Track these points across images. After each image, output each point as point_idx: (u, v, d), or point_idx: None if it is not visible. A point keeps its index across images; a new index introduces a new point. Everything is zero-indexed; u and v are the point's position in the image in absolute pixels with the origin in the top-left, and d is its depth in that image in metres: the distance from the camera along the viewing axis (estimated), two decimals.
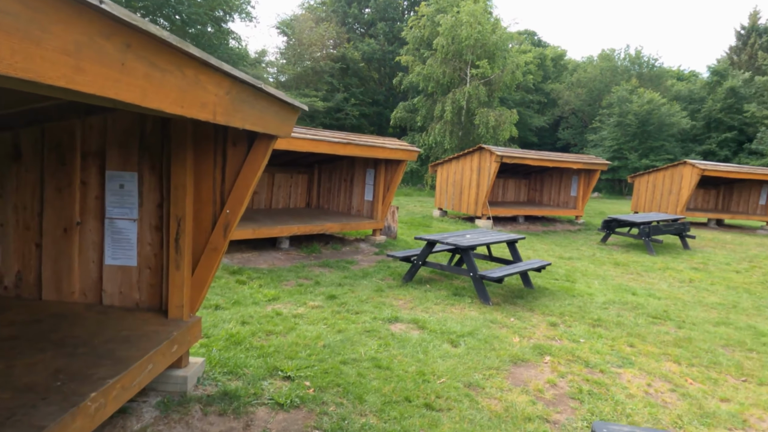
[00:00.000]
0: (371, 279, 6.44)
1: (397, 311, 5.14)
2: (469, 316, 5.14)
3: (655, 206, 15.31)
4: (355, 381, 3.46)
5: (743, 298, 6.79)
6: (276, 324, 4.47)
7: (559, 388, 3.66)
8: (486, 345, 4.36)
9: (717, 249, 10.91)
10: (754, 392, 3.79)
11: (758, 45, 37.49)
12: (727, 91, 31.61)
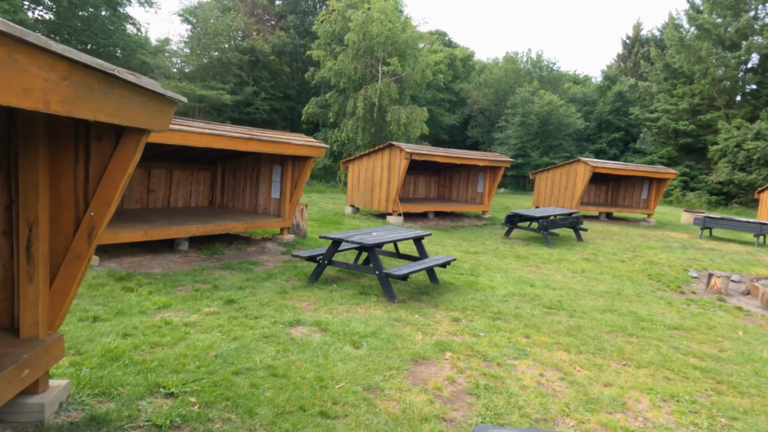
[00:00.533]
0: (275, 280, 6.19)
1: (299, 314, 4.95)
2: (374, 315, 5.07)
3: (553, 201, 16.32)
4: (247, 393, 3.24)
5: (626, 285, 7.37)
6: (163, 335, 4.11)
7: (457, 384, 3.68)
8: (388, 345, 4.31)
9: (606, 240, 11.82)
10: (632, 375, 4.06)
11: (641, 54, 41.36)
12: (615, 95, 34.56)
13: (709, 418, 3.42)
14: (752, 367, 4.41)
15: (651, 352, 4.59)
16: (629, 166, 16.45)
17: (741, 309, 6.48)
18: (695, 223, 13.80)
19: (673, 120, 30.99)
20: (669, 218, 18.88)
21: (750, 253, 11.28)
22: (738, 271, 9.14)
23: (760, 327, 5.76)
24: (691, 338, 5.14)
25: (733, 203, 26.57)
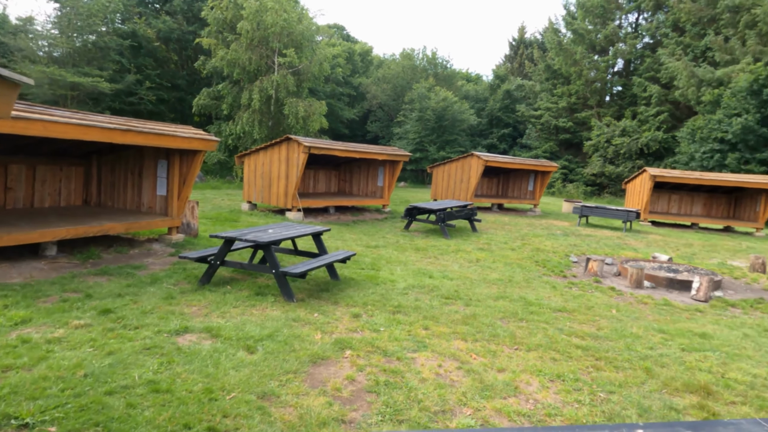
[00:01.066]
0: (161, 285, 5.68)
1: (188, 320, 4.57)
2: (271, 317, 4.83)
3: (450, 194, 16.93)
4: (121, 415, 2.88)
5: (517, 272, 7.80)
6: (19, 355, 3.55)
7: (357, 383, 3.59)
8: (286, 347, 4.11)
9: (498, 230, 12.47)
10: (523, 359, 4.25)
11: (525, 55, 44.34)
12: (504, 93, 36.76)
13: (591, 394, 3.66)
14: (624, 342, 4.83)
15: (539, 335, 4.86)
16: (517, 160, 17.53)
17: (614, 289, 7.13)
18: (574, 212, 15.05)
19: (554, 117, 33.63)
20: (552, 208, 20.45)
21: (620, 238, 12.54)
22: (610, 254, 10.09)
23: (629, 305, 6.36)
24: (573, 319, 5.53)
25: (605, 193, 29.48)
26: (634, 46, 31.44)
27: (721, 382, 4.02)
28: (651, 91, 29.14)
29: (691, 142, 24.33)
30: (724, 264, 9.84)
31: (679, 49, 28.48)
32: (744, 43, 25.79)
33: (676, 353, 4.62)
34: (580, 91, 32.82)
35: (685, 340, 5.03)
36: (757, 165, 21.21)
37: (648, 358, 4.43)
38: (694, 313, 6.18)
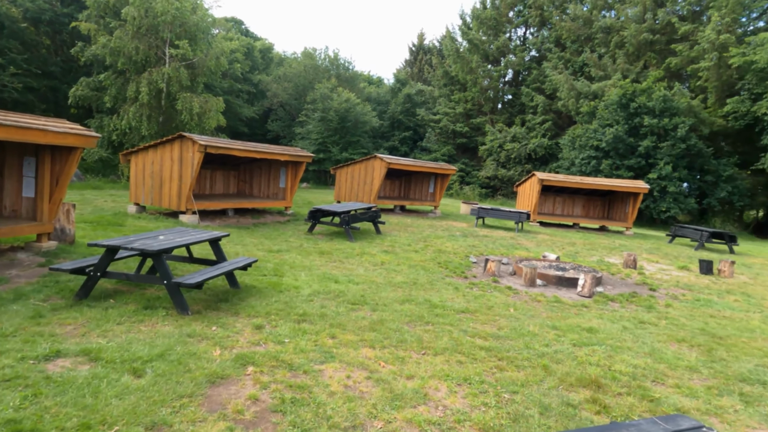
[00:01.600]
0: (27, 302, 4.94)
1: (60, 342, 3.99)
2: (162, 333, 4.39)
3: (353, 196, 16.90)
4: None
5: (421, 274, 7.91)
6: None
7: (261, 402, 3.34)
8: (180, 367, 3.74)
9: (401, 232, 12.65)
10: (431, 363, 4.26)
11: (424, 61, 45.82)
12: (405, 97, 37.62)
13: (496, 396, 3.74)
14: (523, 341, 5.04)
15: (445, 338, 4.92)
16: (418, 162, 17.97)
17: (511, 288, 7.49)
18: (471, 214, 15.74)
19: (451, 122, 35.07)
20: (451, 209, 21.26)
21: (513, 238, 13.31)
22: (506, 254, 10.65)
23: (525, 303, 6.71)
24: (476, 320, 5.69)
25: (498, 195, 31.31)
26: (523, 59, 33.76)
27: (609, 374, 4.33)
28: (537, 101, 31.45)
29: (571, 149, 26.61)
30: (603, 261, 10.82)
31: (561, 63, 31.08)
32: (614, 61, 28.77)
33: (568, 349, 4.91)
34: (475, 97, 34.55)
35: (575, 335, 5.38)
36: (626, 171, 23.75)
37: (545, 356, 4.66)
38: (581, 308, 6.67)
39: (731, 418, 3.75)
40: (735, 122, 23.90)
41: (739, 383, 4.43)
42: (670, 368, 4.65)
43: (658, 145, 23.21)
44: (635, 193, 16.99)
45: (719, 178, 23.66)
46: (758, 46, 21.52)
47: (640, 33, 27.12)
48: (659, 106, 23.16)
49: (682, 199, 22.91)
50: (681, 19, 26.85)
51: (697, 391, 4.15)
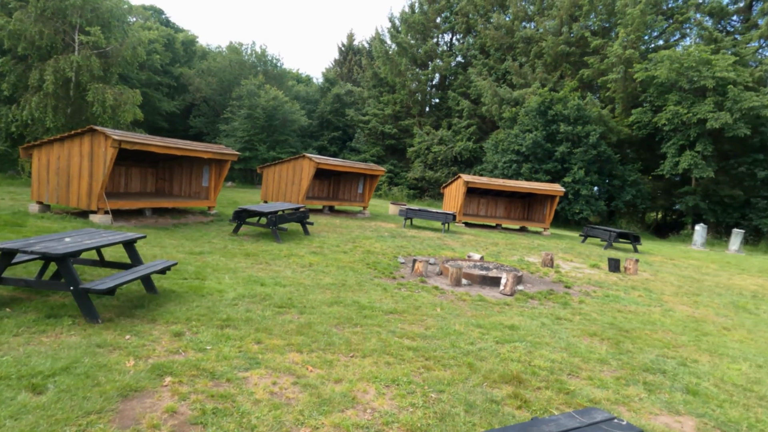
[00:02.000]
0: None
1: None
2: (68, 344, 4.03)
3: (281, 196, 16.55)
4: None
5: (349, 276, 7.87)
6: None
7: (179, 415, 3.15)
8: (88, 381, 3.44)
9: (330, 233, 12.55)
10: (359, 366, 4.24)
11: (354, 61, 45.88)
12: (334, 97, 37.46)
13: (423, 396, 3.79)
14: (449, 340, 5.15)
15: (374, 340, 4.91)
16: (347, 163, 17.94)
17: (437, 288, 7.64)
18: (400, 214, 15.94)
19: (380, 123, 35.37)
20: (380, 210, 21.42)
21: (440, 239, 13.63)
22: (433, 254, 10.87)
23: (451, 303, 6.87)
24: (404, 320, 5.74)
25: (425, 196, 31.98)
26: (449, 64, 34.74)
27: (529, 369, 4.53)
28: (463, 106, 32.49)
29: (494, 152, 27.73)
30: (523, 260, 11.34)
31: (485, 70, 32.30)
32: (534, 70, 30.32)
33: (492, 346, 5.08)
34: (404, 100, 35.08)
35: (498, 332, 5.58)
36: (544, 174, 25.10)
37: (470, 354, 4.78)
38: (503, 306, 6.93)
39: (637, 406, 4.04)
40: (639, 131, 26.02)
41: (643, 373, 4.80)
42: (584, 361, 4.94)
43: (573, 150, 24.76)
44: (552, 195, 18.00)
45: (625, 183, 25.64)
46: (658, 63, 23.58)
47: (557, 45, 28.80)
48: (574, 114, 24.71)
49: (593, 201, 24.59)
50: (593, 33, 28.84)
51: (607, 382, 4.44)
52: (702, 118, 22.17)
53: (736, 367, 5.25)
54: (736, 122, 21.63)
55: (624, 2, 26.49)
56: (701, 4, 27.83)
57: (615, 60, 25.71)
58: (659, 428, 3.67)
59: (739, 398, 4.40)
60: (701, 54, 22.42)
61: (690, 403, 4.19)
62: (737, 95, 21.63)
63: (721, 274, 12.36)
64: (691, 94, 23.17)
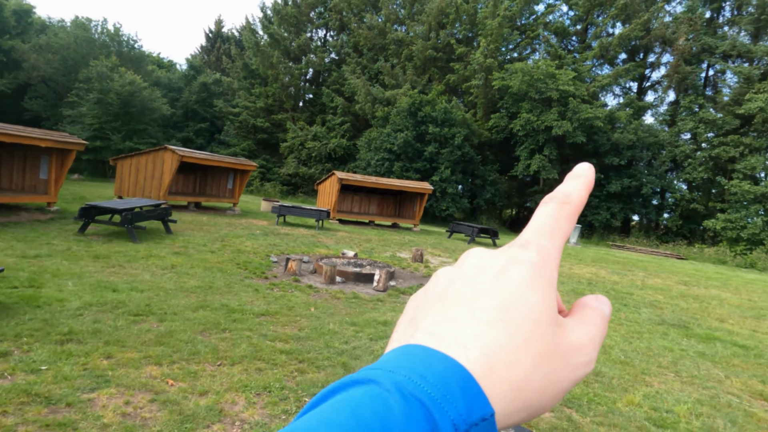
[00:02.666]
0: None
1: None
2: None
3: (139, 191, 15.08)
4: None
5: (218, 277, 7.39)
6: None
7: None
8: None
9: (196, 231, 11.72)
10: (228, 375, 3.96)
11: (223, 50, 43.54)
12: (200, 86, 35.18)
13: (297, 401, 3.65)
14: (324, 340, 5.07)
15: (244, 345, 4.64)
16: (216, 156, 16.94)
17: (311, 287, 7.52)
18: (273, 211, 15.48)
19: (252, 116, 34.08)
20: (251, 206, 20.61)
21: (314, 236, 13.49)
22: (307, 252, 10.70)
23: (325, 301, 6.79)
24: (277, 322, 5.52)
25: (299, 193, 31.53)
26: (323, 60, 34.63)
27: None
28: (337, 103, 32.61)
29: (368, 150, 28.28)
30: (395, 256, 11.68)
31: (359, 68, 32.78)
32: (405, 72, 31.48)
33: (366, 344, 5.11)
34: (276, 93, 34.19)
35: (372, 329, 5.63)
36: (414, 173, 26.21)
37: (344, 353, 4.75)
38: (376, 303, 7.04)
39: None
40: (497, 135, 28.40)
41: None
42: None
43: (440, 151, 26.20)
44: (422, 193, 18.84)
45: (485, 182, 27.82)
46: (513, 73, 25.94)
47: (426, 49, 30.23)
48: (441, 116, 26.15)
49: (458, 199, 26.30)
50: (458, 41, 30.78)
51: None
52: (548, 126, 24.89)
53: None
54: (575, 130, 24.64)
55: (484, 14, 28.67)
56: (548, 23, 31.21)
57: (477, 68, 27.73)
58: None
59: None
60: (548, 68, 25.13)
61: None
62: (576, 107, 24.65)
63: (563, 265, 13.95)
64: (540, 104, 25.87)
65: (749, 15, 27.07)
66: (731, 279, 15.59)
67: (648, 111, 30.96)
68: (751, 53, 26.24)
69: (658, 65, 31.57)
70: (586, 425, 3.80)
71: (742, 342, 7.04)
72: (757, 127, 24.95)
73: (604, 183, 26.91)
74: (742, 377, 5.46)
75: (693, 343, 6.70)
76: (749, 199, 23.05)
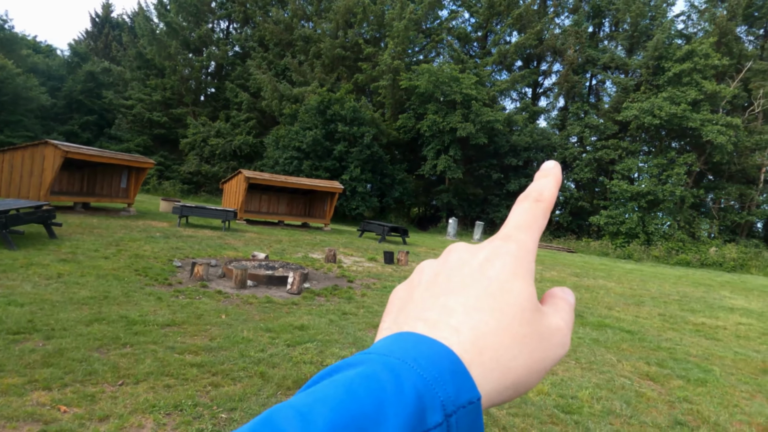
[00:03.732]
0: None
1: None
2: None
3: (15, 191, 13.39)
4: None
5: (114, 286, 6.75)
6: None
7: None
8: None
9: (86, 235, 10.64)
10: (132, 395, 3.60)
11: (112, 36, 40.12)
12: (87, 75, 32.12)
13: (212, 418, 3.41)
14: (238, 349, 4.80)
15: (148, 360, 4.26)
16: (106, 153, 15.53)
17: (221, 292, 7.12)
18: (174, 212, 14.51)
19: (147, 110, 31.76)
20: (149, 207, 19.19)
21: (221, 238, 12.84)
22: (214, 255, 10.15)
23: (237, 307, 6.47)
24: (185, 332, 5.15)
25: (202, 192, 29.94)
26: (226, 53, 33.18)
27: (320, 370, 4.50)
28: (242, 98, 31.40)
29: (275, 148, 27.55)
30: (307, 257, 11.46)
31: (265, 63, 31.83)
32: (313, 69, 31.09)
33: (283, 351, 4.92)
34: (175, 86, 32.18)
35: (288, 335, 5.44)
36: (324, 171, 25.98)
37: (261, 362, 4.53)
38: (291, 306, 6.83)
39: None
40: (405, 135, 29.00)
41: None
42: None
43: (350, 150, 26.20)
44: (332, 192, 18.71)
45: (394, 181, 28.30)
46: (420, 75, 26.63)
47: (334, 48, 30.07)
48: (350, 115, 26.15)
49: (368, 198, 26.49)
50: (366, 41, 30.98)
51: None
52: (453, 127, 25.88)
53: None
54: (477, 132, 25.86)
55: (391, 16, 29.13)
56: (452, 28, 32.44)
57: (385, 68, 28.10)
58: None
59: None
60: (452, 72, 26.12)
61: None
62: (478, 110, 25.87)
63: None
64: (445, 106, 26.82)
65: (624, 32, 30.15)
66: (614, 269, 17.27)
67: (542, 115, 33.34)
68: (627, 65, 29.26)
69: (549, 73, 34.14)
70: (503, 418, 3.96)
71: (628, 327, 7.79)
72: (632, 133, 27.89)
73: (504, 182, 28.55)
74: (631, 360, 6.02)
75: (588, 331, 7.28)
76: (626, 197, 25.68)
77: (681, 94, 25.15)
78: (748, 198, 27.47)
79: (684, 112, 24.46)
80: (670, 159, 26.04)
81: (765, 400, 5.14)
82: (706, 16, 29.43)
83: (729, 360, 6.58)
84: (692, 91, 25.05)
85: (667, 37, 27.58)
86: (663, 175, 25.54)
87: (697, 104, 25.44)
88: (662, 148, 27.61)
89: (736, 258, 23.00)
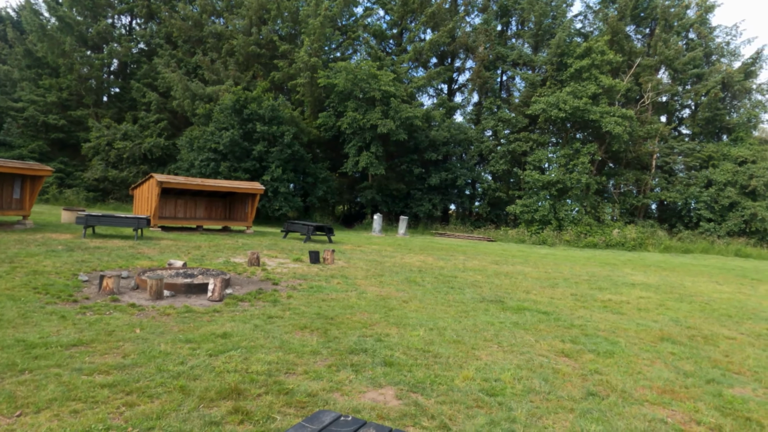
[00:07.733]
0: None
1: None
2: None
3: None
4: None
5: (8, 307, 6.10)
6: None
7: None
8: None
9: None
10: (32, 426, 3.27)
11: None
12: None
13: None
14: (155, 364, 4.52)
15: (51, 386, 3.89)
16: None
17: (135, 305, 6.67)
18: (78, 222, 13.42)
19: (41, 112, 29.11)
20: (48, 218, 17.61)
21: (132, 247, 12.04)
22: (126, 266, 9.50)
23: (153, 319, 6.09)
24: (93, 352, 4.76)
25: (110, 199, 27.94)
26: (130, 50, 31.14)
27: (247, 378, 4.35)
28: (150, 98, 29.64)
29: (190, 150, 26.29)
30: (229, 261, 11.05)
31: (174, 61, 30.22)
32: (226, 67, 29.98)
33: (205, 361, 4.70)
34: (73, 86, 29.74)
35: (210, 344, 5.20)
36: (243, 173, 25.17)
37: (181, 376, 4.29)
38: (213, 314, 6.54)
39: (348, 388, 4.35)
40: (326, 133, 28.77)
41: (350, 355, 5.23)
42: (298, 356, 5.06)
43: (270, 150, 25.59)
44: (253, 193, 18.17)
45: (317, 180, 28.02)
46: (338, 72, 26.51)
47: (248, 45, 29.17)
48: (268, 114, 25.52)
49: (291, 198, 26.03)
50: (281, 38, 30.34)
51: (321, 373, 4.65)
52: (374, 124, 26.04)
53: (415, 334, 6.27)
54: (397, 128, 26.21)
55: (306, 13, 28.74)
56: (367, 25, 32.59)
57: (302, 66, 27.68)
58: (367, 405, 4.02)
59: (421, 361, 5.24)
60: (370, 69, 26.25)
61: (388, 374, 4.76)
62: (397, 106, 26.22)
63: (395, 255, 14.77)
64: (365, 103, 26.92)
65: (529, 30, 31.87)
66: (530, 255, 18.24)
67: (458, 111, 34.45)
68: (533, 62, 30.95)
69: (463, 70, 35.35)
70: (431, 406, 4.03)
71: (544, 309, 8.25)
72: (541, 125, 29.60)
73: (425, 177, 29.19)
74: (548, 339, 6.38)
75: (508, 315, 7.62)
76: (538, 186, 27.21)
77: (582, 89, 27.04)
78: (643, 183, 30.15)
79: (585, 105, 26.32)
80: (576, 149, 27.91)
81: (663, 365, 5.64)
82: (600, 16, 31.86)
83: (632, 331, 7.16)
84: (591, 86, 27.01)
85: (567, 36, 29.51)
86: (570, 164, 27.33)
87: (596, 98, 27.47)
88: (568, 139, 29.53)
89: (636, 238, 25.17)
